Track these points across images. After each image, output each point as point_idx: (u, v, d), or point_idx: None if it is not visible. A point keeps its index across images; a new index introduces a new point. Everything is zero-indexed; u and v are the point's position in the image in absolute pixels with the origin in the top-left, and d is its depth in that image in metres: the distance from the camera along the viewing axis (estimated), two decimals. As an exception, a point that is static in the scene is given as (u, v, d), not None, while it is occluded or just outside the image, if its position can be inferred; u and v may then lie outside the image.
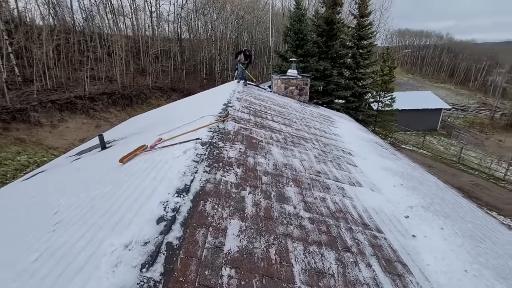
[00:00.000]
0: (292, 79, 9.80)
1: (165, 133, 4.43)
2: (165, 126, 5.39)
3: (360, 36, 14.15)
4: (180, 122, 5.10)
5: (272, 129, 4.84)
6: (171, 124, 5.26)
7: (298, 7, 13.19)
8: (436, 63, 72.11)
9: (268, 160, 3.31)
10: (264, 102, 7.42)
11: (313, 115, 8.16)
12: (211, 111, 4.96)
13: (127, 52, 22.95)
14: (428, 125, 30.02)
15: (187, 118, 5.10)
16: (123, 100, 19.39)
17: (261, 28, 37.48)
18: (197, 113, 5.46)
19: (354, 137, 6.85)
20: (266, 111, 6.29)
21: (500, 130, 37.45)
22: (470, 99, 54.42)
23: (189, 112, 5.82)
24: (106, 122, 17.19)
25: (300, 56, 13.17)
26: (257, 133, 4.27)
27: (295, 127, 5.63)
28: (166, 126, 5.36)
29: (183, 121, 4.96)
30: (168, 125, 5.45)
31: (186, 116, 5.56)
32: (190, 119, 4.73)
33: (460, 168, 16.70)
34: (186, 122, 4.61)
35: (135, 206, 1.97)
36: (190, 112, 5.74)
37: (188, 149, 3.00)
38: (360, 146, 5.91)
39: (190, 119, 4.73)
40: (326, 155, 4.40)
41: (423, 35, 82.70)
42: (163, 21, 33.53)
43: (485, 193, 13.95)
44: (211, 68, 32.11)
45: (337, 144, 5.43)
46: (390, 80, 14.86)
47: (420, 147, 19.91)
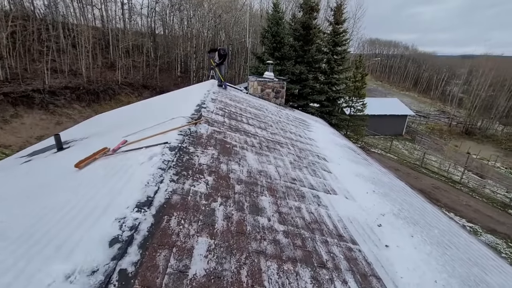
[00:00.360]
0: (268, 82, 9.73)
1: (131, 135, 4.08)
2: (133, 127, 5.00)
3: (335, 42, 14.55)
4: (149, 122, 4.76)
5: (248, 132, 4.69)
6: (139, 125, 4.89)
7: (276, 9, 13.22)
8: (402, 72, 77.10)
9: (242, 167, 3.15)
10: (240, 104, 7.25)
11: (289, 118, 8.15)
12: (183, 112, 4.69)
13: (95, 45, 21.47)
14: (395, 130, 31.86)
15: (157, 119, 4.77)
16: (89, 96, 18.04)
17: (239, 29, 37.27)
18: (168, 113, 5.14)
19: (329, 142, 6.93)
20: (242, 113, 6.13)
21: (457, 136, 40.86)
22: (431, 107, 58.87)
23: (159, 112, 5.47)
24: (69, 118, 15.87)
25: (277, 58, 13.20)
26: (232, 137, 4.09)
27: (271, 131, 5.52)
28: (134, 127, 4.98)
29: (152, 122, 4.64)
30: (136, 125, 5.07)
31: (156, 116, 5.21)
32: (160, 120, 4.42)
33: (422, 172, 17.86)
34: (156, 123, 4.30)
35: (85, 223, 1.70)
36: (161, 112, 5.39)
37: (154, 154, 2.74)
38: (334, 151, 5.96)
39: (160, 120, 4.42)
40: (302, 161, 4.34)
41: (391, 45, 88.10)
42: (136, 14, 31.97)
43: (444, 195, 15.01)
44: (186, 66, 31.21)
45: (312, 149, 5.42)
46: (362, 87, 15.46)
47: (388, 151, 21.01)
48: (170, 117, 4.53)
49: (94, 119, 8.41)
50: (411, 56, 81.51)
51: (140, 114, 6.15)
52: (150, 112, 5.83)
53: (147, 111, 6.35)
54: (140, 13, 32.15)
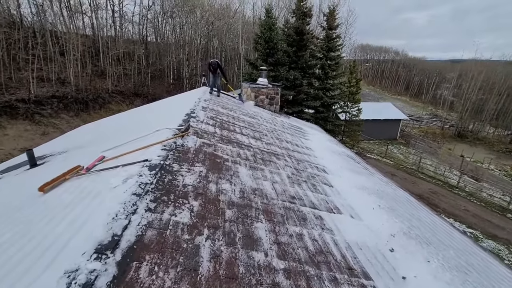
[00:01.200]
0: (262, 88, 9.43)
1: (110, 149, 3.68)
2: (115, 139, 4.58)
3: (328, 48, 14.42)
4: (132, 134, 4.36)
5: (241, 144, 4.31)
6: (123, 137, 4.47)
7: (268, 15, 13.03)
8: (393, 77, 78.28)
9: (234, 186, 2.76)
10: (233, 112, 6.89)
11: (284, 126, 7.82)
12: (170, 122, 4.31)
13: (84, 52, 20.98)
14: (389, 134, 31.90)
15: (142, 131, 4.38)
16: (77, 105, 17.46)
17: (231, 35, 37.25)
18: (154, 124, 4.75)
19: (326, 151, 6.60)
20: (235, 122, 5.77)
21: (449, 139, 41.21)
22: (423, 110, 59.61)
23: (145, 123, 5.07)
24: (55, 129, 15.26)
25: (270, 64, 12.96)
26: (223, 149, 3.71)
27: (266, 141, 5.16)
28: (116, 140, 4.56)
29: (136, 134, 4.24)
30: (119, 138, 4.65)
31: (141, 127, 4.81)
32: (144, 132, 4.03)
33: (419, 176, 17.68)
34: (139, 135, 3.90)
35: (24, 280, 1.29)
36: (147, 123, 4.99)
37: (130, 175, 2.34)
38: (333, 161, 5.62)
39: (144, 132, 4.03)
40: (300, 174, 3.97)
41: (382, 50, 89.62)
42: (127, 22, 31.64)
43: (442, 200, 14.80)
44: (179, 73, 30.87)
45: (310, 159, 5.07)
46: (356, 92, 15.31)
47: (384, 156, 20.85)
48: (155, 128, 4.15)
49: (77, 130, 7.93)
50: (401, 61, 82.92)
51: (126, 124, 5.74)
52: (136, 123, 5.42)
53: (133, 121, 5.93)
54: (131, 21, 31.85)
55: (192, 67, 31.41)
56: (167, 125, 4.13)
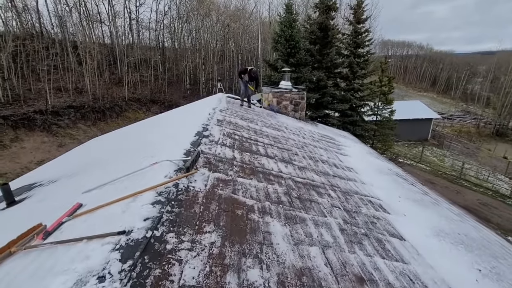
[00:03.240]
0: (285, 93, 8.28)
1: (94, 190, 2.74)
2: (108, 169, 3.64)
3: (356, 44, 12.96)
4: (128, 162, 3.39)
5: (268, 174, 3.21)
6: (116, 167, 3.52)
7: (288, 11, 11.86)
8: (418, 73, 74.12)
9: (267, 270, 1.66)
10: (253, 123, 5.82)
11: (314, 137, 6.62)
12: (175, 145, 3.31)
13: (102, 61, 20.92)
14: (419, 135, 29.52)
15: (140, 157, 3.41)
16: (94, 114, 17.24)
17: (248, 37, 36.43)
18: (157, 146, 3.77)
19: (371, 169, 5.33)
20: (257, 138, 4.68)
21: (487, 138, 37.72)
22: (453, 107, 55.53)
23: (147, 144, 4.10)
24: (72, 139, 15.01)
25: (291, 65, 11.77)
26: (246, 188, 2.63)
27: (298, 164, 4.02)
28: (110, 168, 3.62)
29: (131, 163, 3.28)
30: (114, 165, 3.71)
31: (141, 151, 3.84)
32: (139, 164, 3.05)
33: (462, 184, 15.65)
34: (132, 170, 2.90)
35: None
36: (149, 144, 4.02)
37: (89, 270, 1.32)
38: (385, 186, 4.37)
39: (139, 164, 3.05)
40: (355, 221, 2.79)
41: (405, 45, 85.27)
42: (144, 29, 31.76)
43: (494, 213, 12.83)
44: (195, 77, 30.43)
45: (359, 188, 3.86)
46: (389, 91, 13.70)
47: (418, 161, 18.89)
48: (156, 155, 3.17)
49: (78, 149, 7.20)
50: (426, 55, 78.48)
51: (126, 145, 4.82)
52: (138, 143, 4.47)
53: (135, 140, 5.01)
54: (148, 27, 31.93)
55: (208, 71, 30.86)
56: (171, 151, 3.13)
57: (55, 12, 23.70)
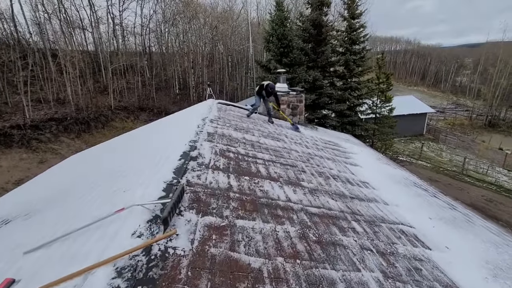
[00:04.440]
0: (282, 96, 7.59)
1: (36, 250, 2.01)
2: (68, 207, 2.86)
3: (352, 40, 12.37)
4: (93, 202, 2.61)
5: (274, 206, 2.49)
6: (76, 207, 2.74)
7: (279, 8, 11.19)
8: (407, 67, 74.68)
9: None
10: (249, 133, 5.09)
11: (318, 145, 5.93)
12: (153, 176, 2.58)
13: (84, 69, 19.86)
14: (415, 130, 29.26)
15: (109, 193, 2.66)
16: (78, 126, 16.22)
17: (237, 38, 35.70)
18: (131, 176, 2.99)
19: (386, 180, 4.67)
20: (255, 153, 3.96)
21: (480, 130, 37.83)
22: (444, 100, 55.91)
23: (120, 173, 3.32)
24: (54, 154, 13.99)
25: (285, 65, 11.10)
26: (248, 236, 1.91)
27: (307, 185, 3.31)
28: (68, 208, 2.84)
29: (98, 202, 2.53)
30: (74, 205, 2.93)
31: (113, 180, 3.06)
32: (108, 201, 2.31)
33: (465, 180, 15.24)
34: (93, 217, 2.14)
35: None
36: (122, 173, 3.24)
37: None
38: (410, 204, 3.70)
39: (108, 201, 2.31)
40: (396, 271, 2.09)
41: (393, 41, 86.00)
42: (129, 34, 30.70)
43: (502, 209, 12.39)
44: (184, 82, 29.52)
45: (383, 212, 3.17)
46: (387, 89, 13.18)
47: (418, 158, 18.47)
48: (128, 190, 2.44)
49: (52, 170, 6.32)
50: (414, 50, 79.27)
51: (99, 170, 4.02)
52: (110, 171, 3.68)
53: (107, 165, 4.21)
54: (133, 32, 30.87)
55: (198, 75, 29.99)
56: (148, 184, 2.39)
57: (33, 19, 22.54)
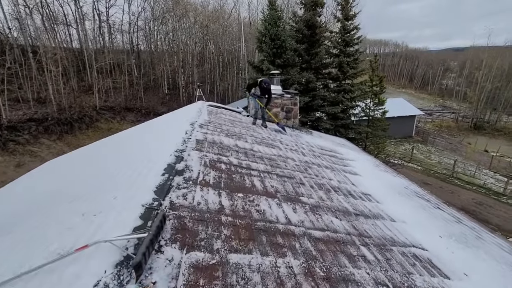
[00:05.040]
0: (276, 98, 7.25)
1: None
2: (28, 233, 2.41)
3: (345, 42, 12.18)
4: (54, 229, 2.17)
5: (273, 232, 2.12)
6: (35, 234, 2.30)
7: (272, 7, 10.85)
8: (396, 70, 76.07)
9: None
10: (242, 139, 4.72)
11: (314, 152, 5.61)
12: (130, 198, 2.16)
13: (68, 67, 18.95)
14: (404, 132, 29.57)
15: (75, 216, 2.22)
16: (60, 127, 15.37)
17: (228, 38, 35.20)
18: (103, 196, 2.56)
19: (388, 190, 4.39)
20: (249, 163, 3.58)
21: (465, 132, 38.72)
22: (431, 102, 57.20)
23: (92, 190, 2.87)
24: (33, 157, 13.16)
25: (278, 66, 10.78)
26: (244, 278, 1.53)
27: (308, 201, 2.96)
28: (27, 235, 2.39)
29: (59, 227, 2.09)
30: (33, 231, 2.47)
31: (82, 199, 2.62)
32: (71, 226, 1.91)
33: (455, 183, 15.34)
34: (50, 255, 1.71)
35: None
36: (93, 191, 2.79)
37: None
38: (416, 219, 3.42)
39: (71, 226, 1.91)
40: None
41: (381, 43, 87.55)
42: (116, 31, 29.70)
43: (491, 213, 12.48)
44: (174, 82, 28.80)
45: (393, 232, 2.85)
46: (381, 91, 13.08)
47: (408, 160, 18.55)
48: (101, 212, 2.05)
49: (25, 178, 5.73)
50: (403, 53, 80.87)
51: (69, 185, 3.54)
52: (80, 186, 3.22)
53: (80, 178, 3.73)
54: (121, 29, 29.88)
55: (188, 75, 29.32)
56: (122, 209, 1.98)
57: (12, 14, 21.37)
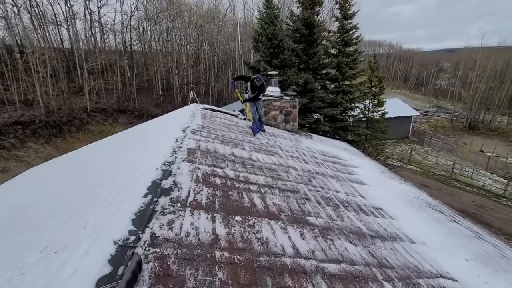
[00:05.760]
0: (274, 101, 6.85)
1: None
2: None
3: (344, 42, 11.86)
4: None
5: (280, 270, 1.69)
6: None
7: (269, 6, 10.47)
8: (390, 71, 76.51)
9: None
10: (239, 147, 4.30)
11: (317, 159, 5.22)
12: (100, 233, 1.72)
13: (57, 68, 18.29)
14: (400, 133, 29.47)
15: (31, 252, 1.78)
16: (48, 130, 14.75)
17: (223, 38, 34.74)
18: (68, 227, 2.12)
19: (399, 203, 4.02)
20: (248, 175, 3.17)
21: (460, 132, 38.88)
22: (426, 103, 57.53)
23: (59, 211, 2.42)
24: (19, 162, 12.53)
25: (275, 67, 10.41)
26: None
27: (316, 222, 2.55)
28: None
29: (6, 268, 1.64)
30: None
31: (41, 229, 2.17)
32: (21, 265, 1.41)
33: (454, 185, 15.14)
34: None
35: None
36: (53, 224, 2.35)
37: None
38: (436, 238, 3.04)
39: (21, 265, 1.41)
40: None
41: (376, 44, 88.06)
42: (109, 31, 29.02)
43: (493, 216, 12.27)
44: (168, 83, 28.23)
45: (415, 258, 2.46)
46: (380, 92, 12.80)
47: (407, 162, 18.34)
48: (66, 248, 1.59)
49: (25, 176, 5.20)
50: (397, 54, 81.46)
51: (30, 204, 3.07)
52: (44, 207, 2.76)
53: (46, 195, 3.26)
54: (113, 29, 29.20)
55: (182, 75, 28.77)
56: (89, 246, 1.56)
57: (-1, 13, 20.60)
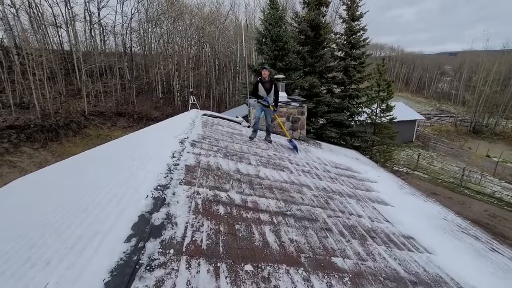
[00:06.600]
0: (281, 107, 6.34)
1: None
2: None
3: (351, 44, 11.38)
4: None
5: None
6: None
7: (274, 6, 10.02)
8: (392, 74, 76.16)
9: None
10: (245, 161, 3.78)
11: (330, 173, 4.69)
12: None
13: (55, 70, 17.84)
14: (404, 137, 28.91)
15: None
16: (44, 134, 14.26)
17: (224, 41, 34.37)
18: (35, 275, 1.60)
19: (430, 229, 3.48)
20: (256, 199, 2.65)
21: (465, 136, 38.29)
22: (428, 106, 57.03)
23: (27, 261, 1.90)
24: (13, 168, 12.03)
25: (280, 70, 9.93)
26: None
27: (344, 265, 2.02)
28: None
29: None
30: None
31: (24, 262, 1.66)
32: None
33: (465, 193, 14.55)
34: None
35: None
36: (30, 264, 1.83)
37: None
38: (477, 273, 2.50)
39: None
40: None
41: (377, 47, 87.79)
42: (109, 33, 28.68)
43: (507, 226, 11.68)
44: (168, 85, 27.79)
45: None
46: (388, 97, 12.29)
47: (414, 168, 17.78)
48: None
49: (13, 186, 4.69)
50: (398, 57, 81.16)
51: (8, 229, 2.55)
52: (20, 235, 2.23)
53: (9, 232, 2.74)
54: (113, 31, 28.86)
55: (183, 78, 28.35)
56: None
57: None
